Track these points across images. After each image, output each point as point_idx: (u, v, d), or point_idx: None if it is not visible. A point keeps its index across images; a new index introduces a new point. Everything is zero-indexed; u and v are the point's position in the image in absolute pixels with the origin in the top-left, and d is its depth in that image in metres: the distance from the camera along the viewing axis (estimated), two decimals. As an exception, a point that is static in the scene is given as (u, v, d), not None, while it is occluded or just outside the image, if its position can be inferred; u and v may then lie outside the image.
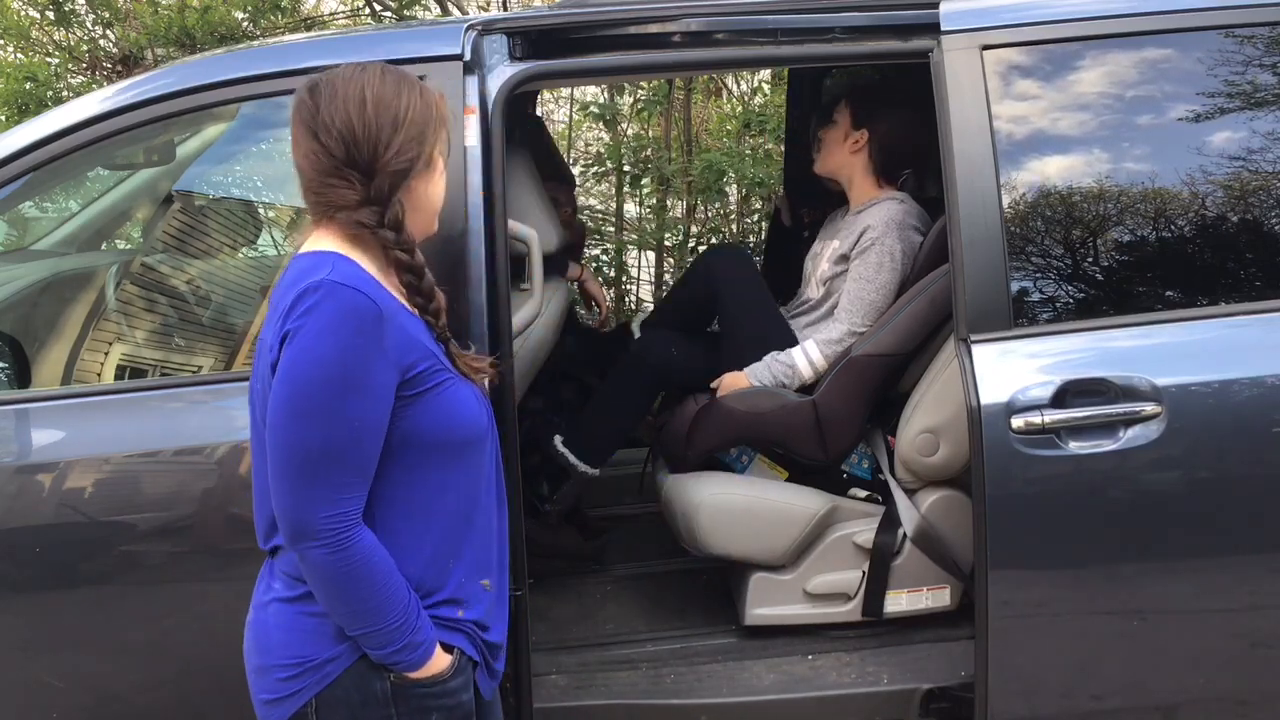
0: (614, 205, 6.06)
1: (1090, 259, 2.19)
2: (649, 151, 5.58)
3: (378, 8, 5.81)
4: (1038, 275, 2.14)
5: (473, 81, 2.05)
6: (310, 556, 1.39)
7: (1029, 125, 2.12)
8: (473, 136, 2.02)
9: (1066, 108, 2.12)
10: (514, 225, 2.37)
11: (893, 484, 2.55)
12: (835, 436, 2.56)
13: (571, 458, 2.86)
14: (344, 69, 1.49)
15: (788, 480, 2.65)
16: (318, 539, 1.37)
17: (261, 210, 2.66)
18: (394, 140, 1.44)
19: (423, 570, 1.49)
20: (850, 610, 2.53)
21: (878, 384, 2.56)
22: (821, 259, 2.80)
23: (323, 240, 1.48)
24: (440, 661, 1.49)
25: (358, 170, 1.45)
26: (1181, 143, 2.14)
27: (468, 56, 2.06)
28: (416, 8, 5.58)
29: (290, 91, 2.13)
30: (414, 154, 1.46)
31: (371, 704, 1.47)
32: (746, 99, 6.45)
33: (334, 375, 1.35)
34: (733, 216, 6.07)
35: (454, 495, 1.50)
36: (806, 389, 2.61)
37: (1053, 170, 2.13)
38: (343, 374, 1.35)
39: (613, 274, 5.77)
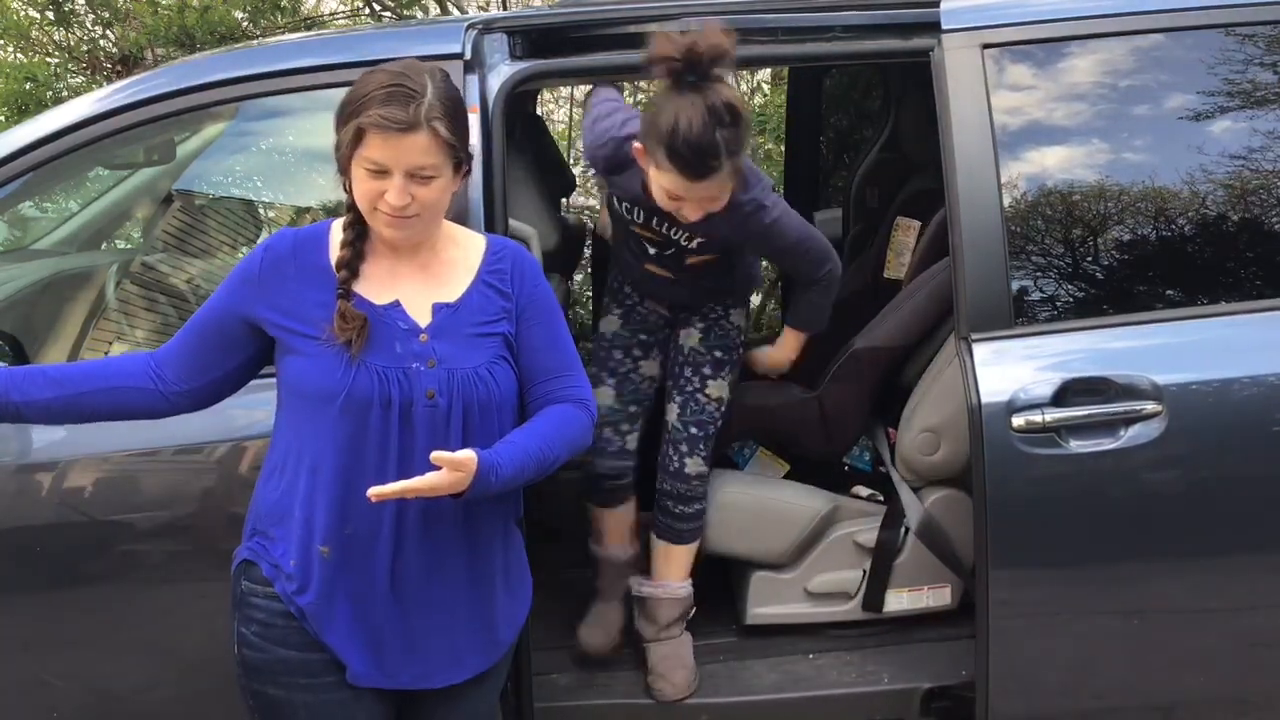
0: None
1: (1091, 257, 2.18)
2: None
3: (377, 7, 5.81)
4: (1038, 274, 2.14)
5: (473, 80, 2.06)
6: None
7: (1029, 124, 2.12)
8: (473, 135, 2.02)
9: (1067, 106, 2.12)
10: (514, 224, 2.37)
11: (895, 475, 2.54)
12: (840, 430, 2.57)
13: None
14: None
15: (789, 472, 2.65)
16: None
17: (261, 209, 2.66)
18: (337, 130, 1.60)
19: (264, 499, 1.68)
20: (851, 609, 2.52)
21: (880, 376, 2.56)
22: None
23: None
24: None
25: None
26: (1182, 141, 2.13)
27: (468, 55, 2.06)
28: (416, 7, 5.58)
29: (288, 91, 2.15)
30: (342, 148, 1.58)
31: (234, 607, 1.70)
32: (746, 99, 6.44)
33: (230, 276, 1.70)
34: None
35: (310, 446, 1.62)
36: (810, 384, 2.61)
37: (1053, 168, 2.13)
38: (229, 277, 1.69)
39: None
